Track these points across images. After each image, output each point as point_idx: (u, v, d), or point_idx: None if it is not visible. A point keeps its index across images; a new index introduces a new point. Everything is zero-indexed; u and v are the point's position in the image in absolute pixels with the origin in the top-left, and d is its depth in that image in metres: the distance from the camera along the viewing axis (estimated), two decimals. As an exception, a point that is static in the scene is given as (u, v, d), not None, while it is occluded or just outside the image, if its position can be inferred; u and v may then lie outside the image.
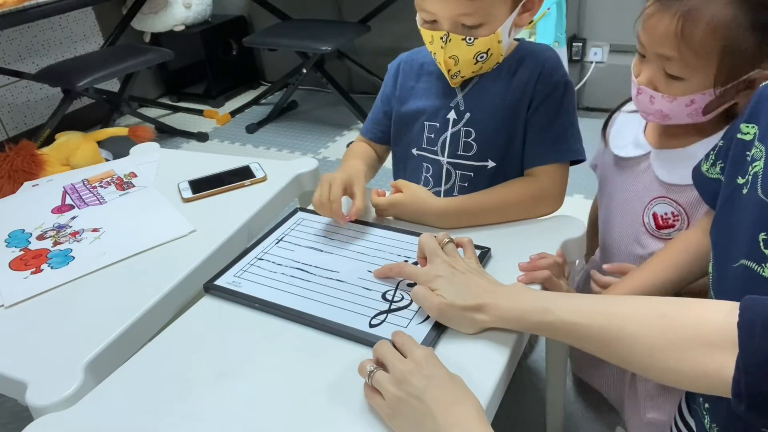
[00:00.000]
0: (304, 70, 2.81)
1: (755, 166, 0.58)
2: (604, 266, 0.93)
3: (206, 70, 3.13)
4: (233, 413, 0.62)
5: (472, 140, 0.93)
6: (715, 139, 0.83)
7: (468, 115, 0.93)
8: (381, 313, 0.72)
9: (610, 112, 1.03)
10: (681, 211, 0.86)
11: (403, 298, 0.75)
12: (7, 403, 1.38)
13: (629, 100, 0.96)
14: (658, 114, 0.83)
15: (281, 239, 0.90)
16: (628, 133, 0.94)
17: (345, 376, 0.64)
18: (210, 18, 3.16)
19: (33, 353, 0.73)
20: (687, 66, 0.76)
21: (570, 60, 2.45)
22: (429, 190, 0.95)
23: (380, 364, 0.60)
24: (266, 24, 2.96)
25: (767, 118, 0.60)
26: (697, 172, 0.76)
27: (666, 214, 0.88)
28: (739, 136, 0.64)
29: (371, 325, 0.70)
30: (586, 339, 0.58)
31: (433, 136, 0.96)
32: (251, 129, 2.88)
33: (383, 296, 0.75)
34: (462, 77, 0.91)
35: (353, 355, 0.67)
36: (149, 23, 3.02)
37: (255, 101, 3.18)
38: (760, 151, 0.58)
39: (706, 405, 0.66)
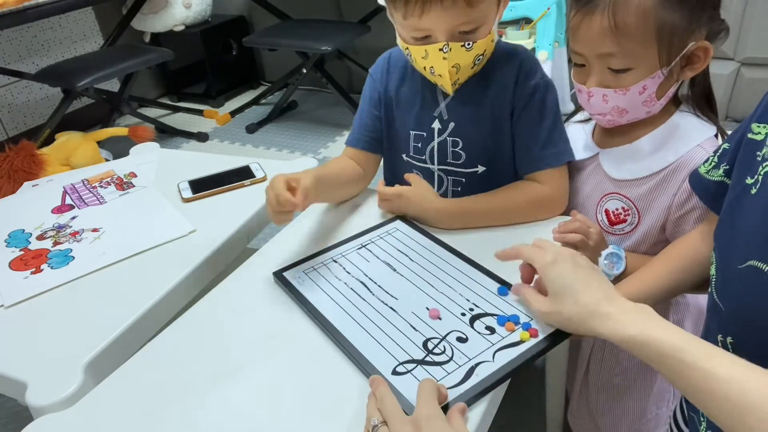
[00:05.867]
0: (304, 70, 2.81)
1: (766, 166, 0.58)
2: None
3: (206, 70, 3.14)
4: (232, 414, 0.62)
5: (459, 149, 0.92)
6: (662, 130, 0.85)
7: (452, 125, 0.91)
8: (411, 361, 0.64)
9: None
10: (631, 205, 0.88)
11: (444, 351, 0.65)
12: (7, 403, 1.38)
13: (577, 111, 0.98)
14: (615, 111, 0.83)
15: (364, 245, 0.86)
16: (579, 140, 0.96)
17: (345, 378, 0.64)
18: (210, 18, 3.16)
19: (33, 353, 0.73)
20: (630, 56, 0.77)
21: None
22: None
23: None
24: (266, 24, 2.96)
25: None
26: (694, 175, 0.76)
27: (617, 209, 0.90)
28: (750, 136, 0.63)
29: (394, 372, 0.63)
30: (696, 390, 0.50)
31: (420, 145, 0.95)
32: (251, 129, 2.88)
33: (424, 344, 0.66)
34: (459, 84, 0.88)
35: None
36: (149, 23, 3.03)
37: (255, 101, 3.18)
38: None
39: None
